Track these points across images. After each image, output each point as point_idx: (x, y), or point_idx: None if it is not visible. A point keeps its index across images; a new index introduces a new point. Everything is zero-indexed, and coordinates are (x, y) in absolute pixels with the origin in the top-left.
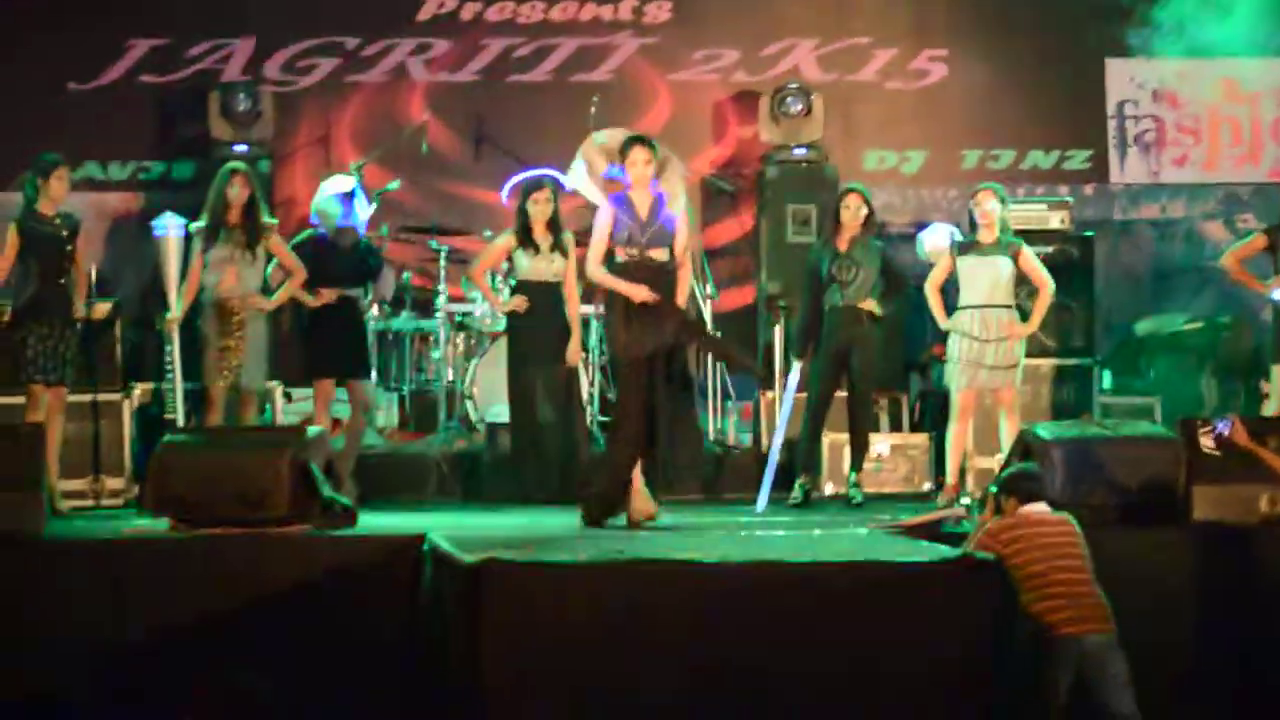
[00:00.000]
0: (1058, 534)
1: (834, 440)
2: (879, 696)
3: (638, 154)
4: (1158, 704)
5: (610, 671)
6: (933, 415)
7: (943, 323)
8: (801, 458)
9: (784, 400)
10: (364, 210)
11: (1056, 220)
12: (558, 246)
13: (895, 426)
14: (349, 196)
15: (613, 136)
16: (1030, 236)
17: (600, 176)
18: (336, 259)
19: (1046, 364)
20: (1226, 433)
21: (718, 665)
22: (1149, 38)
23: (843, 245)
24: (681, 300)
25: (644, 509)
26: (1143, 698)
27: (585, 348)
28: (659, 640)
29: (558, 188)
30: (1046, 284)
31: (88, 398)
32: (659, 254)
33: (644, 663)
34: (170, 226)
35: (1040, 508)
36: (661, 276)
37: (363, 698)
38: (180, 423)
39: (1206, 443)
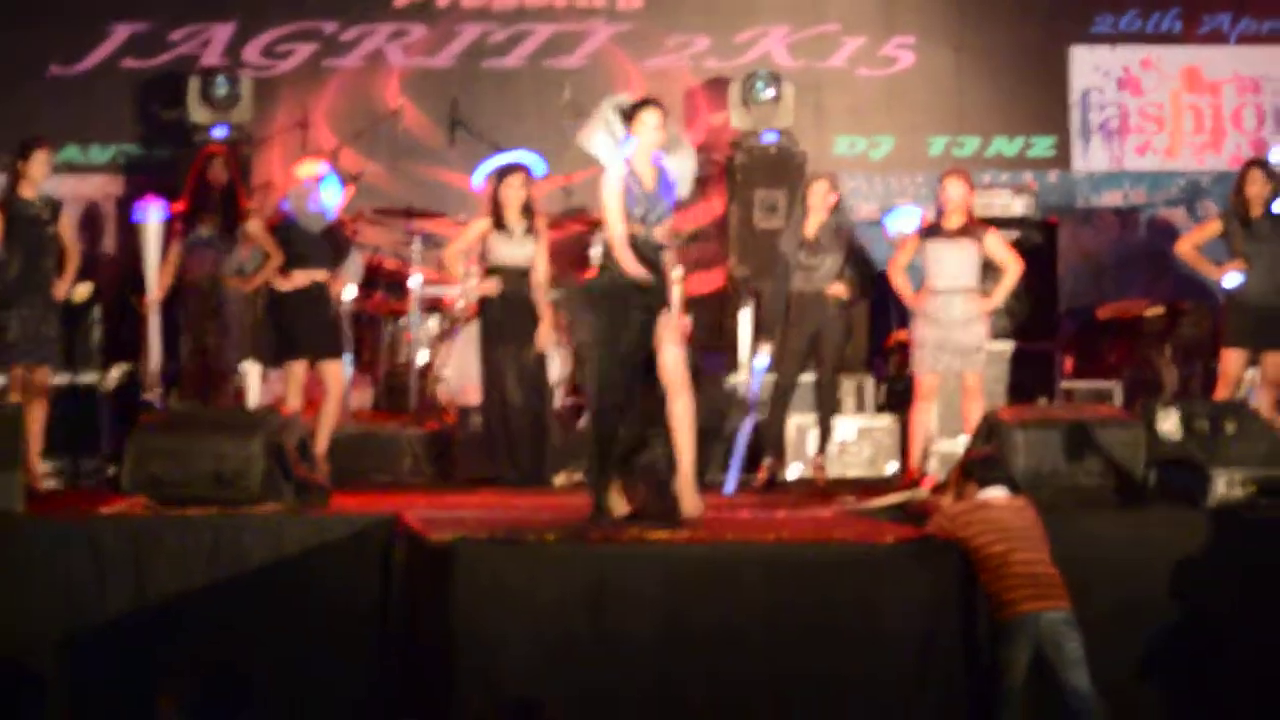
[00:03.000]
0: (1015, 516)
1: (800, 423)
2: (845, 675)
3: (651, 116)
4: (1118, 684)
5: (579, 651)
6: (898, 398)
7: (910, 303)
8: (768, 440)
9: (752, 383)
10: (336, 195)
11: (1020, 206)
12: (530, 231)
13: (861, 409)
14: (319, 181)
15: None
16: (994, 222)
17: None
18: (307, 242)
19: (1008, 347)
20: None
21: (686, 645)
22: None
23: (810, 231)
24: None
25: (690, 507)
26: (1104, 678)
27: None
28: (628, 620)
29: (530, 173)
30: (1013, 266)
31: (66, 379)
32: (660, 234)
33: (613, 643)
34: (151, 210)
35: (998, 492)
36: (660, 262)
37: (336, 678)
38: (157, 403)
39: None
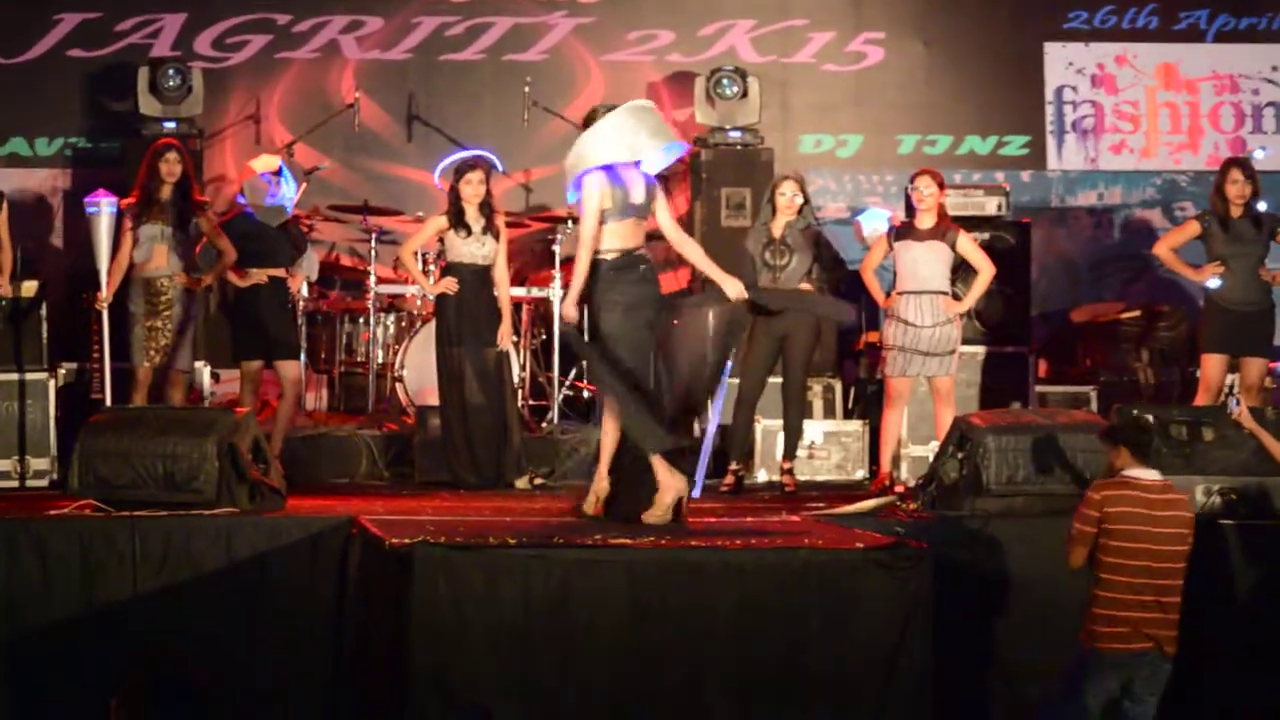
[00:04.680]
0: (1157, 510)
1: (767, 427)
2: (812, 683)
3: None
4: None
5: (539, 658)
6: (867, 402)
7: (882, 303)
8: (735, 444)
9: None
10: (291, 190)
11: (993, 206)
12: (489, 229)
13: (830, 413)
14: (276, 175)
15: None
16: (966, 223)
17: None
18: (264, 239)
19: (981, 351)
20: (1233, 414)
21: (649, 651)
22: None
23: (776, 230)
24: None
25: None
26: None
27: (516, 331)
28: (590, 626)
29: (491, 169)
30: (985, 268)
31: (13, 377)
32: None
33: (574, 648)
34: (102, 204)
35: (1151, 475)
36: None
37: (290, 683)
38: (107, 403)
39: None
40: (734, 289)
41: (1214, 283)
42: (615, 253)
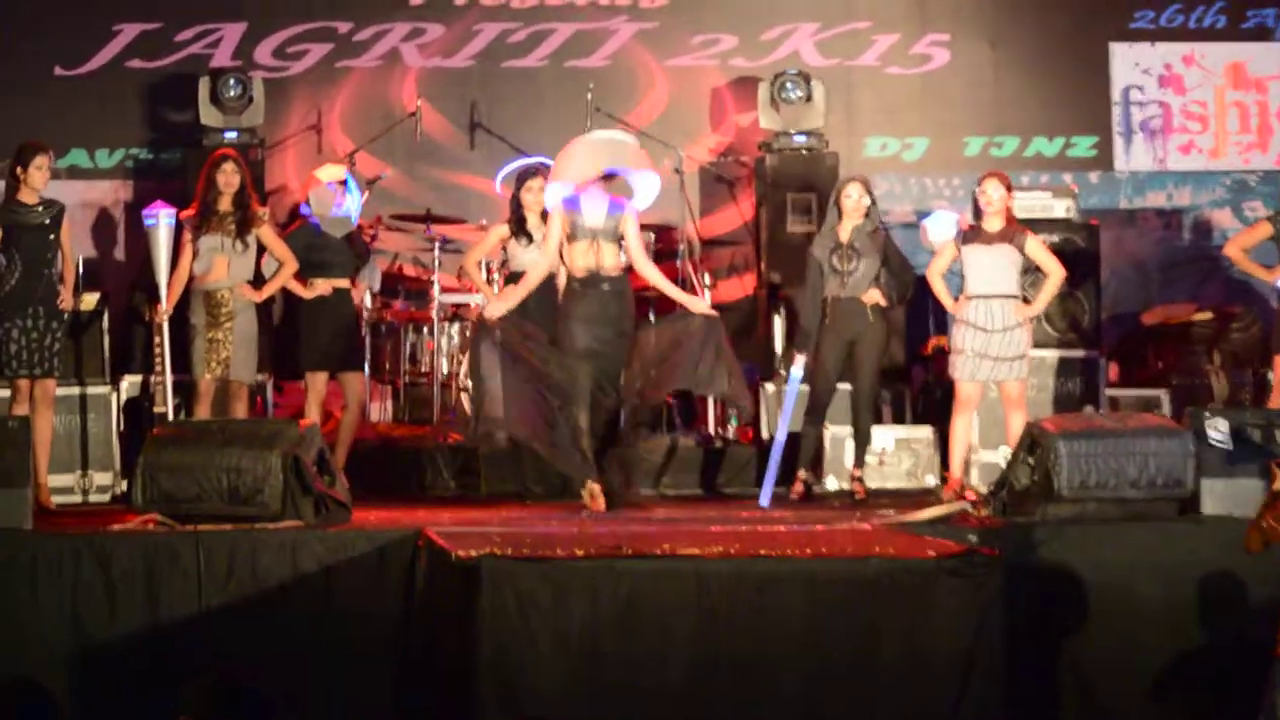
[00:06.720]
0: None
1: (836, 433)
2: (884, 692)
3: None
4: (1169, 698)
5: (607, 673)
6: (937, 408)
7: (951, 308)
8: (804, 451)
9: (787, 393)
10: (356, 199)
11: (1061, 208)
12: None
13: (899, 419)
14: (342, 185)
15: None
16: (1035, 225)
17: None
18: (330, 249)
19: (1051, 355)
20: None
21: (718, 662)
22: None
23: (844, 235)
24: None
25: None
26: (1153, 691)
27: None
28: (658, 638)
29: None
30: (1055, 271)
31: (75, 390)
32: None
33: (643, 660)
34: (160, 216)
35: None
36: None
37: (356, 698)
38: (169, 416)
39: None
40: (700, 306)
41: None
42: (579, 271)
